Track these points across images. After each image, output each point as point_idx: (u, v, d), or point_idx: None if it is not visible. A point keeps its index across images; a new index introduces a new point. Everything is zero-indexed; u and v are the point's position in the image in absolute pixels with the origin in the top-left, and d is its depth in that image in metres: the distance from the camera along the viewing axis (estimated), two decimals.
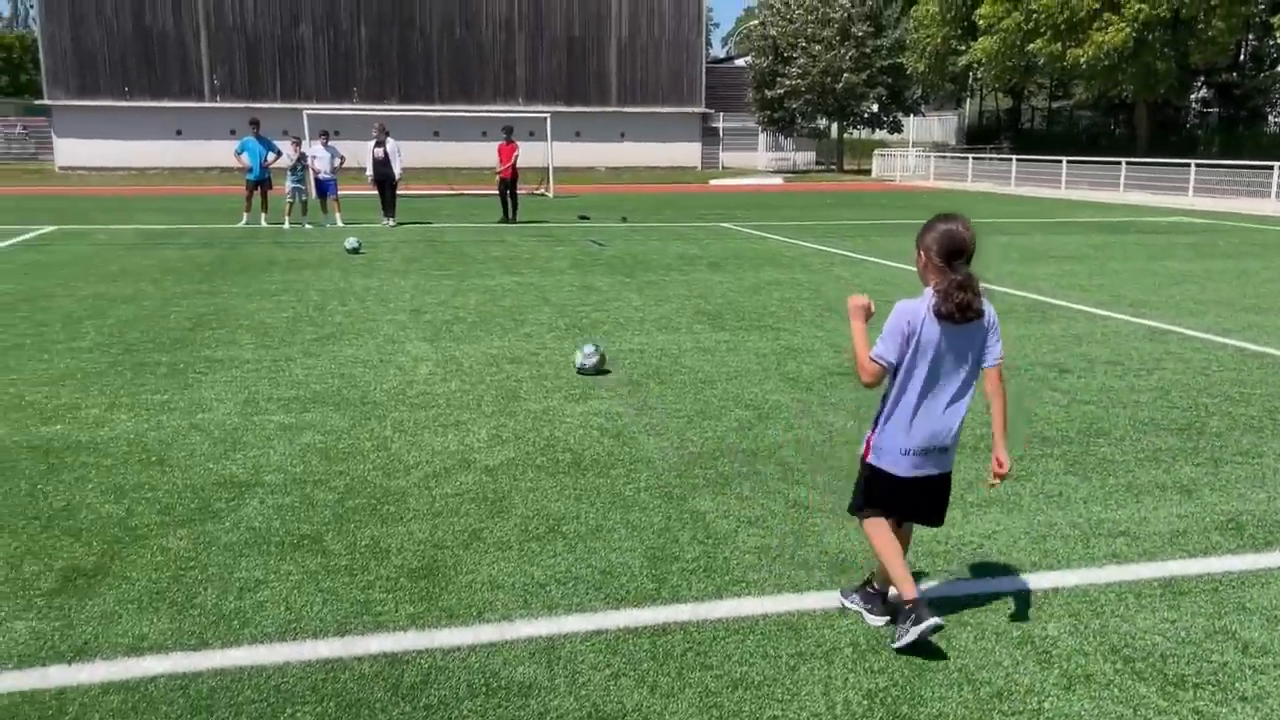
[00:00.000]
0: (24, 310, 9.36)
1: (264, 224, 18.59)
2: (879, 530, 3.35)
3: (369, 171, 19.31)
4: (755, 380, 6.89)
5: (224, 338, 8.19)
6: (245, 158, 18.50)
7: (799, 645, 3.30)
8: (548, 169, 30.17)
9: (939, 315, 3.12)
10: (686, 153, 50.60)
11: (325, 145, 18.76)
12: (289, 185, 18.34)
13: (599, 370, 7.01)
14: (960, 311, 3.11)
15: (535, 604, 3.56)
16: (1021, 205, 27.42)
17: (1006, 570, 3.91)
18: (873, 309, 3.29)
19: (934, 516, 3.43)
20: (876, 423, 3.36)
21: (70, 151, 43.77)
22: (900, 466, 3.28)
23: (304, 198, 18.44)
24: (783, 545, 4.09)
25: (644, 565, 3.89)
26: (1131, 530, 4.32)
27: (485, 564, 3.88)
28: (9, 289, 10.64)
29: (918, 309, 3.17)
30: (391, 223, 19.11)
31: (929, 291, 3.18)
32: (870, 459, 3.36)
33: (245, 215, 18.85)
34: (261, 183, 18.69)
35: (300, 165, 18.29)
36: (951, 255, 3.13)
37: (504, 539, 4.13)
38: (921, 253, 3.21)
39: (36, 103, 46.42)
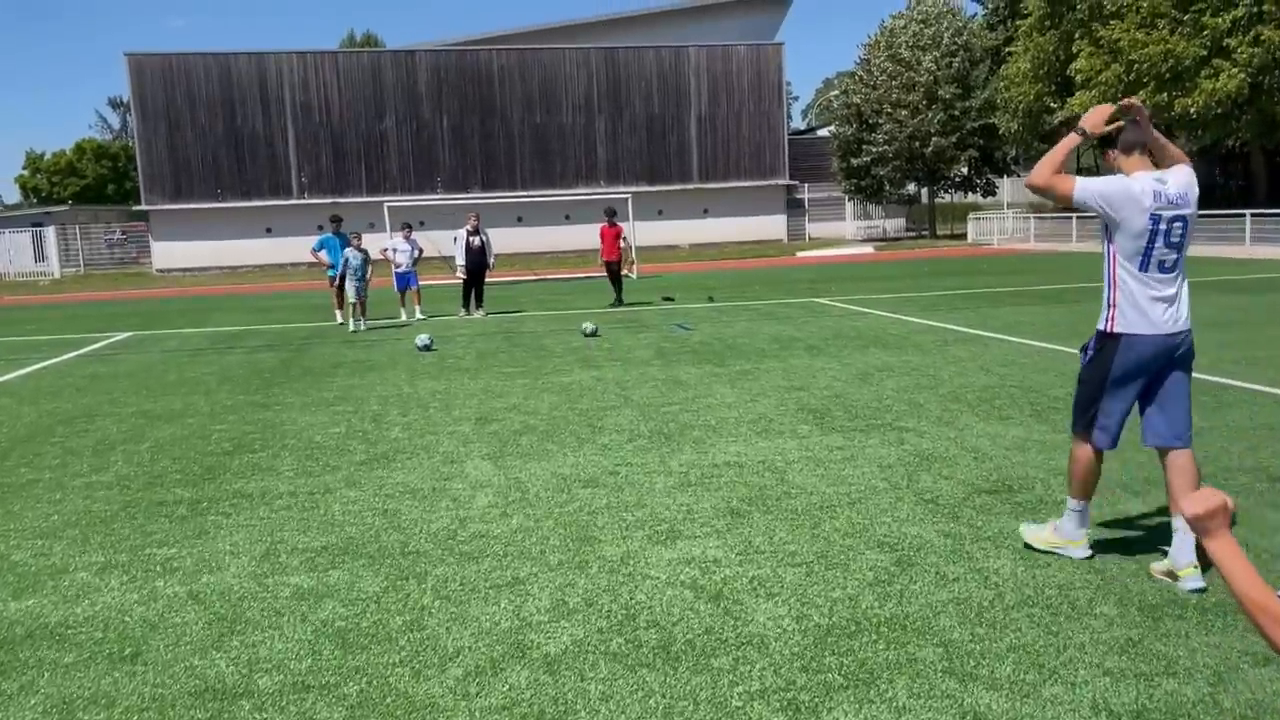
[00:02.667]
0: (60, 434, 8.55)
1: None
2: None
3: (460, 260, 18.44)
4: (885, 505, 5.56)
5: (263, 463, 7.20)
6: (325, 255, 17.80)
7: None
8: (630, 249, 29.36)
9: None
10: (771, 225, 49.63)
11: (406, 238, 18.08)
12: (351, 284, 16.53)
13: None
14: None
15: None
16: None
17: None
18: (1233, 507, 1.79)
19: None
20: None
21: (166, 253, 44.79)
22: None
23: (363, 296, 16.70)
24: None
25: None
26: None
27: None
28: (55, 408, 9.92)
29: None
30: (483, 313, 18.26)
31: None
32: None
33: (338, 314, 17.73)
34: (345, 278, 17.73)
35: (364, 263, 16.65)
36: None
37: None
38: None
39: (135, 208, 47.83)
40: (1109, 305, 4.37)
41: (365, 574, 4.80)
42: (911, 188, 49.03)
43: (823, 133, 57.41)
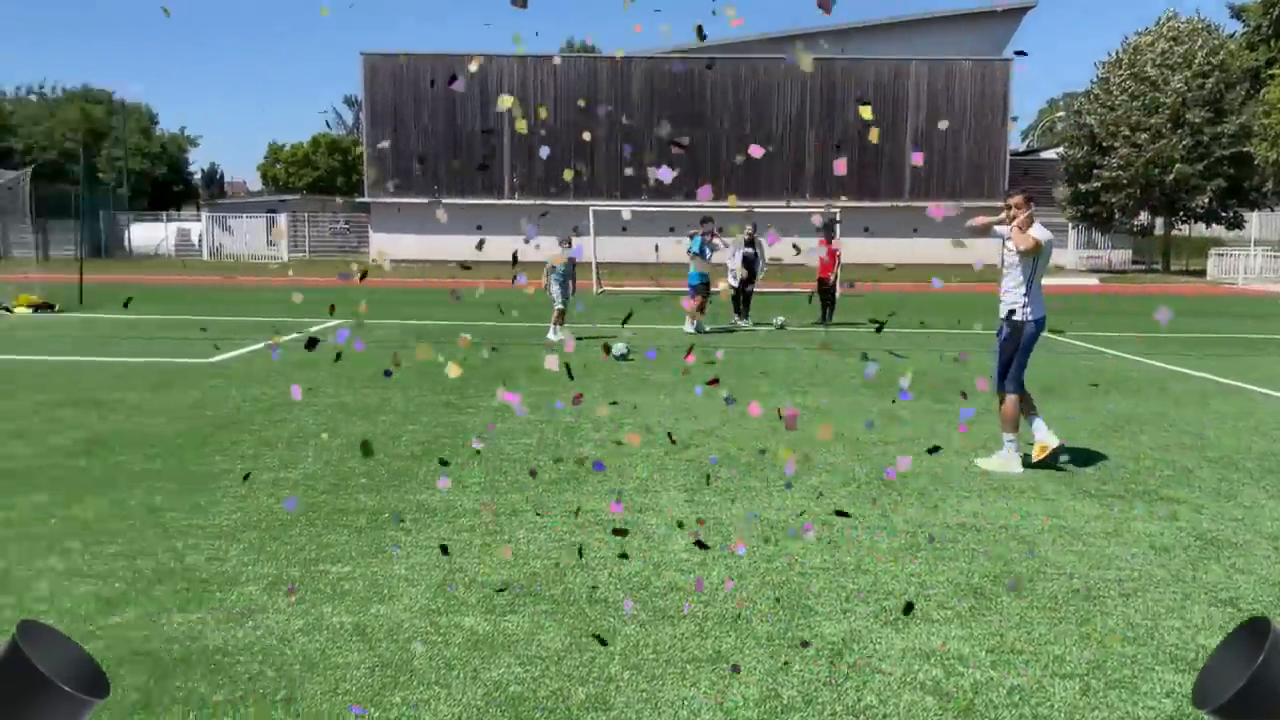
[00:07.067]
0: (259, 422, 8.50)
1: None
2: None
3: (736, 267, 18.52)
4: (1170, 603, 4.54)
5: (450, 472, 6.80)
6: (699, 260, 17.30)
7: None
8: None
9: None
10: (985, 249, 47.06)
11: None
12: (554, 290, 15.71)
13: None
14: None
15: None
16: None
17: None
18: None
19: None
20: None
21: (383, 244, 46.80)
22: None
23: (560, 305, 15.83)
24: None
25: None
26: None
27: None
28: (260, 394, 9.98)
29: None
30: (749, 323, 18.23)
31: None
32: None
33: (688, 321, 17.49)
34: (707, 285, 17.27)
35: (569, 268, 15.84)
36: None
37: None
38: None
39: (359, 200, 50.32)
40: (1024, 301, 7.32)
41: (547, 624, 4.21)
42: (1144, 217, 45.36)
43: (1049, 154, 54.12)
